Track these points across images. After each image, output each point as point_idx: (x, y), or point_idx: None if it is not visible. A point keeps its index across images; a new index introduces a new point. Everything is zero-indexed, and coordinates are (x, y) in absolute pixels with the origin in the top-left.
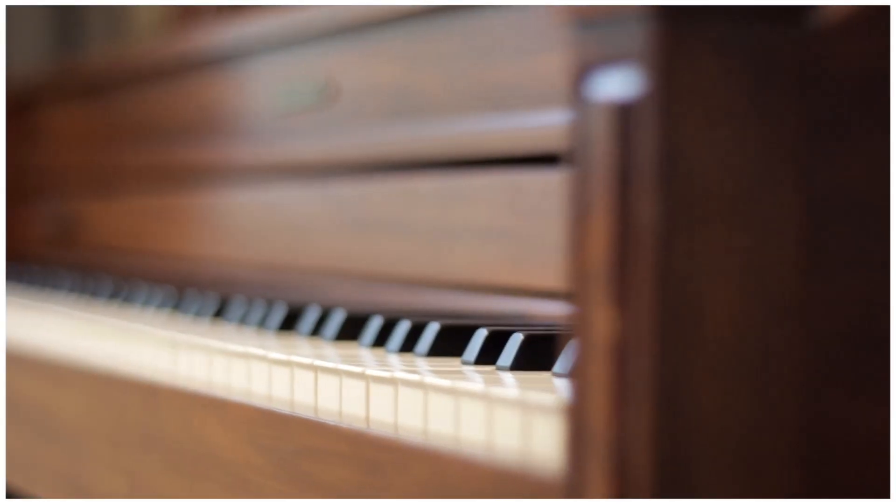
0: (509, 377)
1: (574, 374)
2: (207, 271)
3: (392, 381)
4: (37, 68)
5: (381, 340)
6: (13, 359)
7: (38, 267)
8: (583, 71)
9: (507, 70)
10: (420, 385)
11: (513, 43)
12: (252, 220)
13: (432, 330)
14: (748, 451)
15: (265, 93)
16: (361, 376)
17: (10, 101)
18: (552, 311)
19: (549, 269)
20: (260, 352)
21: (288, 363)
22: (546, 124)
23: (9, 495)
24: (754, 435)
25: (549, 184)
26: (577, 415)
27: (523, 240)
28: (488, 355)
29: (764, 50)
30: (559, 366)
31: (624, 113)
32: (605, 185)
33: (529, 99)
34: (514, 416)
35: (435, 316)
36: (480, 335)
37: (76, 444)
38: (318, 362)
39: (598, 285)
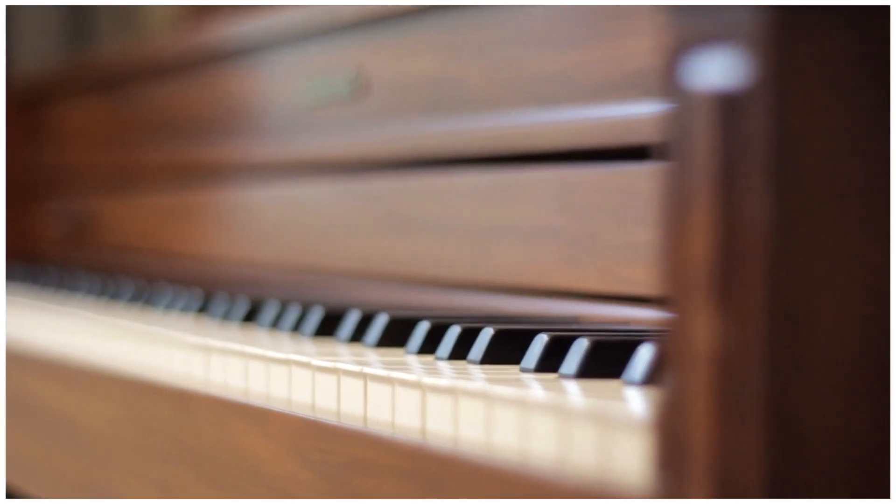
0: (576, 386)
1: (667, 386)
2: (231, 273)
3: (451, 392)
4: (48, 63)
5: (428, 346)
6: (31, 363)
7: (54, 268)
8: (679, 54)
9: (553, 61)
10: (483, 396)
11: (560, 32)
12: (278, 219)
13: (486, 335)
14: (871, 472)
15: (291, 86)
16: (417, 385)
17: (21, 97)
18: (607, 314)
19: (604, 270)
20: (302, 358)
21: (333, 370)
22: (597, 118)
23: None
24: (879, 454)
25: (601, 180)
26: (670, 431)
27: (574, 239)
28: (548, 362)
29: (889, 28)
30: (629, 374)
31: (729, 102)
32: (708, 179)
33: (578, 91)
34: (590, 431)
35: (486, 320)
36: (540, 341)
37: (101, 453)
38: (367, 370)
39: (700, 289)
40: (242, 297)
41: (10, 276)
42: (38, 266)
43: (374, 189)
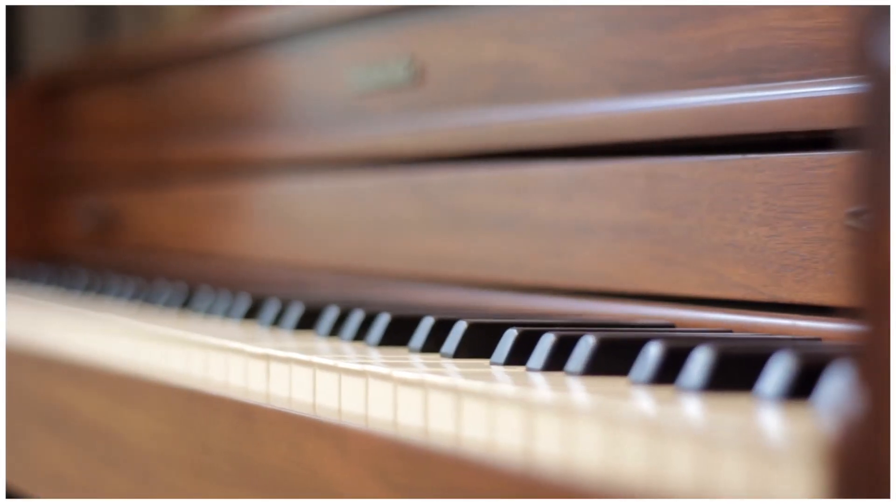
0: (697, 402)
1: (857, 406)
2: (273, 274)
3: (567, 412)
4: (69, 54)
5: (517, 357)
6: (63, 370)
7: (82, 268)
8: (873, 29)
9: (639, 44)
10: (609, 420)
11: (646, 12)
12: (324, 217)
13: (587, 345)
14: None
15: (334, 74)
16: (522, 404)
17: (42, 88)
18: (709, 320)
19: (705, 272)
20: (381, 370)
21: (421, 385)
22: (690, 105)
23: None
24: None
25: (697, 172)
26: (857, 455)
27: (668, 238)
28: (665, 374)
29: None
30: (766, 387)
31: None
32: None
33: (668, 77)
34: (742, 460)
35: (582, 327)
36: (654, 351)
37: (144, 469)
38: (462, 384)
39: None
40: (295, 301)
41: (35, 277)
42: (64, 266)
43: (432, 183)
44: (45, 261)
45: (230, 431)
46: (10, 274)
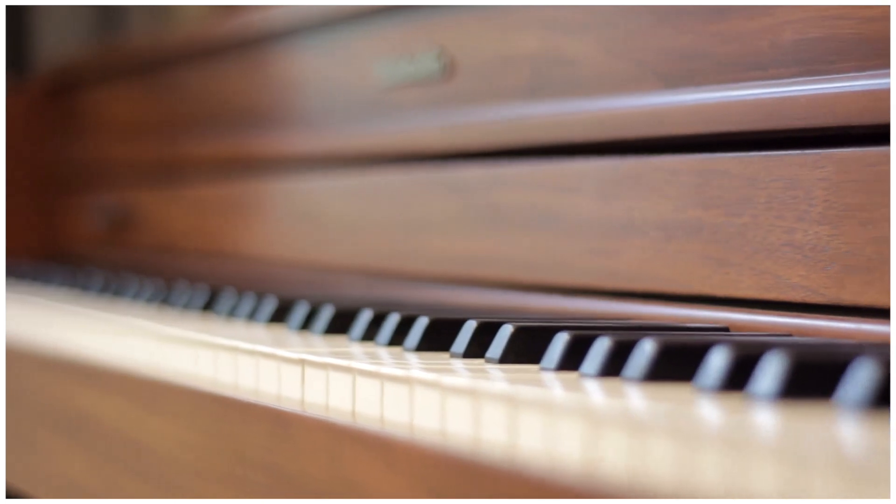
0: (774, 413)
1: None
2: (296, 275)
3: (635, 425)
4: (81, 48)
5: (569, 362)
6: (82, 374)
7: (96, 269)
8: None
9: (687, 34)
10: (683, 434)
11: (696, 0)
12: (350, 215)
13: (646, 350)
14: None
15: (362, 67)
16: (586, 415)
17: (52, 84)
18: (767, 324)
19: (761, 273)
20: (427, 376)
21: (472, 393)
22: (741, 98)
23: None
24: None
25: (750, 169)
26: None
27: (721, 237)
28: (733, 381)
29: None
30: (848, 396)
31: None
32: None
33: (719, 69)
34: (832, 476)
35: (636, 331)
36: (721, 357)
37: (175, 481)
38: (518, 392)
39: None
40: (325, 304)
41: (48, 278)
42: (77, 266)
43: (466, 180)
44: (58, 261)
45: (265, 440)
46: (23, 275)
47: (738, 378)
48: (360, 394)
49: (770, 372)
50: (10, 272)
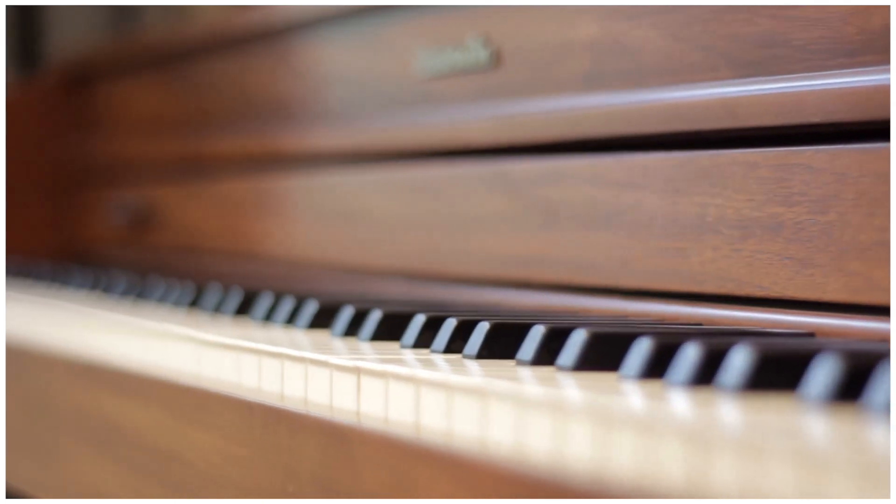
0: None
1: None
2: (332, 277)
3: (753, 447)
4: (98, 40)
5: (653, 371)
6: (114, 384)
7: (118, 269)
8: None
9: (762, 18)
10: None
11: None
12: (391, 213)
13: (743, 357)
14: None
15: (402, 56)
16: (687, 435)
17: (68, 76)
18: (853, 328)
19: (842, 273)
20: (501, 386)
21: (554, 407)
22: (825, 88)
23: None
24: None
25: (834, 162)
26: None
27: (804, 236)
28: (844, 393)
29: None
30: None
31: None
32: None
33: (798, 57)
34: None
35: (724, 336)
36: (827, 366)
37: (217, 497)
38: (608, 405)
39: None
40: (374, 308)
41: (67, 279)
42: (98, 267)
43: (518, 175)
44: (77, 261)
45: (319, 455)
46: (41, 275)
47: (850, 389)
48: (424, 405)
49: (881, 382)
50: (29, 273)
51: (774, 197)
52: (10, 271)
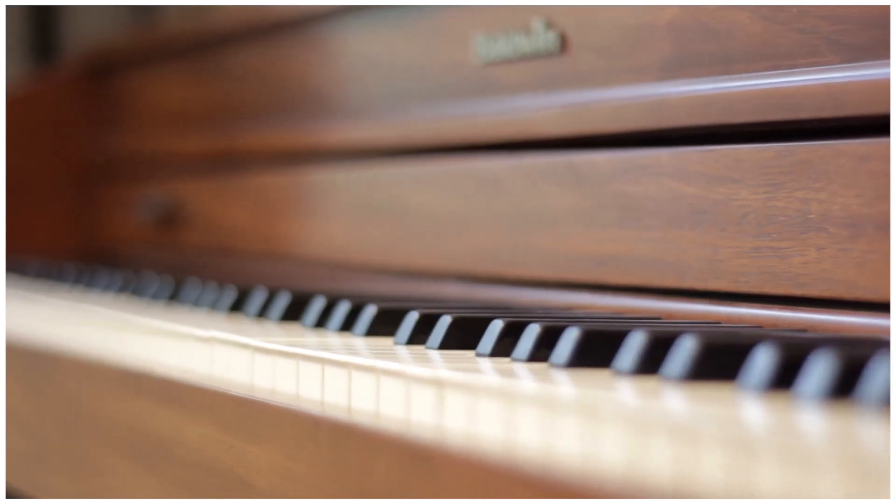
0: None
1: None
2: (381, 280)
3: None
4: (120, 29)
5: (779, 383)
6: (158, 395)
7: (147, 270)
8: None
9: None
10: None
11: None
12: (446, 210)
13: (822, 365)
14: None
15: (457, 41)
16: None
17: (84, 69)
18: None
19: None
20: (617, 402)
21: (684, 433)
22: None
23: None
24: None
25: None
26: None
27: None
28: None
29: None
30: None
31: None
32: None
33: None
34: None
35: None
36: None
37: None
38: (751, 430)
39: None
40: (444, 313)
41: (93, 281)
42: (121, 266)
43: (591, 168)
44: (99, 261)
45: (396, 475)
46: (63, 277)
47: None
48: (522, 425)
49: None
50: (51, 274)
51: (887, 192)
52: (31, 272)
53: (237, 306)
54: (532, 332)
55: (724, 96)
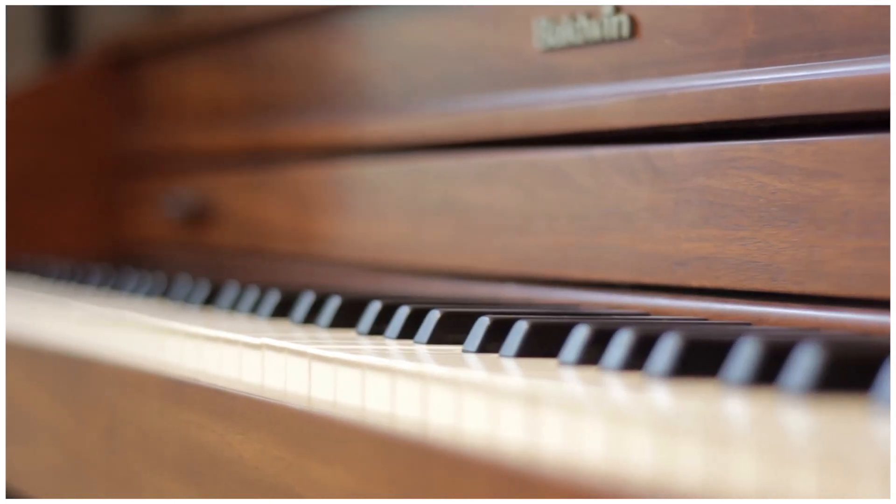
0: None
1: None
2: (435, 283)
3: None
4: (146, 17)
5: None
6: (209, 409)
7: (174, 270)
8: None
9: None
10: None
11: None
12: (505, 206)
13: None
14: None
15: (515, 27)
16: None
17: (105, 59)
18: None
19: None
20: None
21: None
22: None
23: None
24: None
25: None
26: None
27: None
28: None
29: None
30: None
31: None
32: None
33: None
34: None
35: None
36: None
37: None
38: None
39: None
40: (520, 319)
41: (121, 283)
42: (149, 267)
43: (667, 162)
44: (125, 261)
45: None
46: (89, 279)
47: None
48: (632, 446)
49: None
50: (75, 276)
51: None
52: (53, 273)
53: (281, 311)
54: (625, 340)
55: (821, 84)
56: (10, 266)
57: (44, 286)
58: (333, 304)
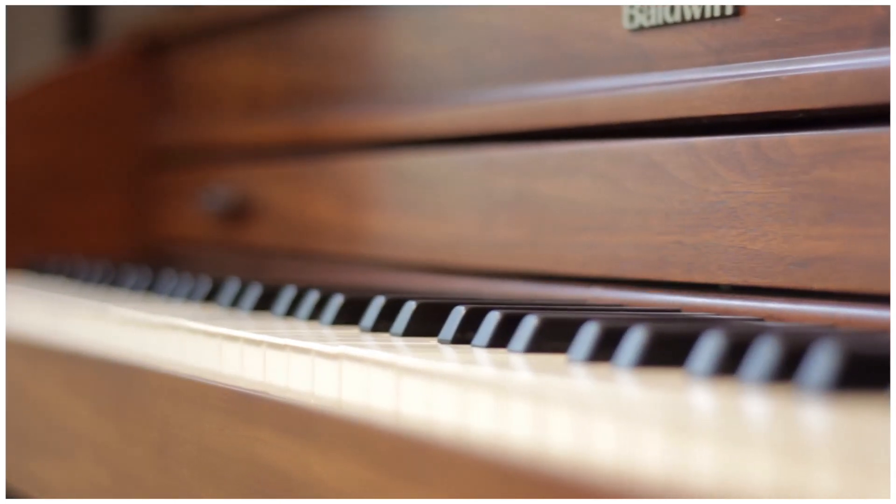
0: None
1: None
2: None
3: None
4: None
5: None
6: (279, 427)
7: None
8: None
9: None
10: None
11: None
12: (587, 202)
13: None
14: None
15: (596, 7)
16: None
17: (134, 47)
18: None
19: None
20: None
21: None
22: None
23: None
24: None
25: None
26: None
27: None
28: None
29: None
30: None
31: None
32: None
33: None
34: None
35: None
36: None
37: None
38: None
39: None
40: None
41: (158, 286)
42: (186, 268)
43: (783, 152)
44: (158, 261)
45: None
46: (121, 280)
47: None
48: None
49: None
50: (106, 277)
51: None
52: (82, 274)
53: (345, 316)
54: (715, 345)
55: None
56: (35, 267)
57: (72, 288)
58: (409, 309)
